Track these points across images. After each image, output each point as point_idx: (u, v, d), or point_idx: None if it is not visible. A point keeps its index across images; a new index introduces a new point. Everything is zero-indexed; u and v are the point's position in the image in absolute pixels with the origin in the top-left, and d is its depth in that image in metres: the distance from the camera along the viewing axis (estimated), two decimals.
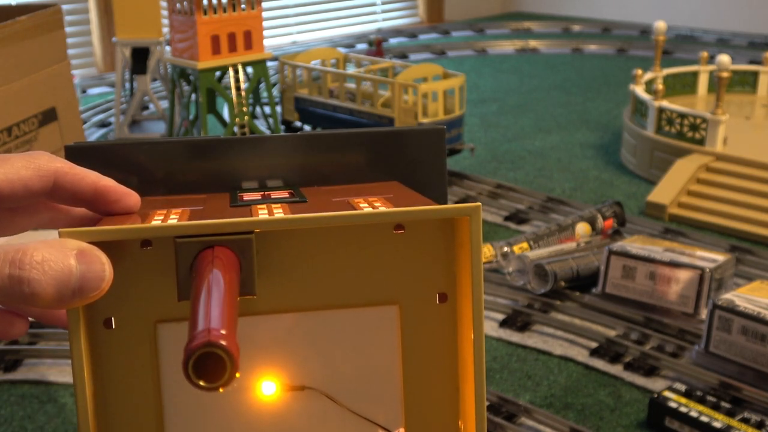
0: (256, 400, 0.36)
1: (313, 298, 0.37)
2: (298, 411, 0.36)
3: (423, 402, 0.38)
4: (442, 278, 0.37)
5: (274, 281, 0.37)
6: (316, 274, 0.37)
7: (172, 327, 0.35)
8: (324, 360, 0.37)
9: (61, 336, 1.13)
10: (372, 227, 0.37)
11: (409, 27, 3.53)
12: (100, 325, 0.34)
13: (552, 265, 1.21)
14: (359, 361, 0.37)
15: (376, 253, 0.37)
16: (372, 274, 0.37)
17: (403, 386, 0.37)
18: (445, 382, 0.38)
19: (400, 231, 0.37)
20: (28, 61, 1.48)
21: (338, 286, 0.37)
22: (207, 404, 0.36)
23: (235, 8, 1.63)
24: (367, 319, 0.37)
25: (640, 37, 3.14)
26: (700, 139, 1.63)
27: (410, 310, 0.37)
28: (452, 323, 0.37)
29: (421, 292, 0.37)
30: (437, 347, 0.37)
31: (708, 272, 1.12)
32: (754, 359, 1.00)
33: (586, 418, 0.97)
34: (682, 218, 1.51)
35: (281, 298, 0.37)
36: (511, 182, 1.70)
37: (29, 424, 0.97)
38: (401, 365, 0.37)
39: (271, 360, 0.36)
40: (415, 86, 1.64)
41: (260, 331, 0.36)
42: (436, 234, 0.37)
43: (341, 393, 0.37)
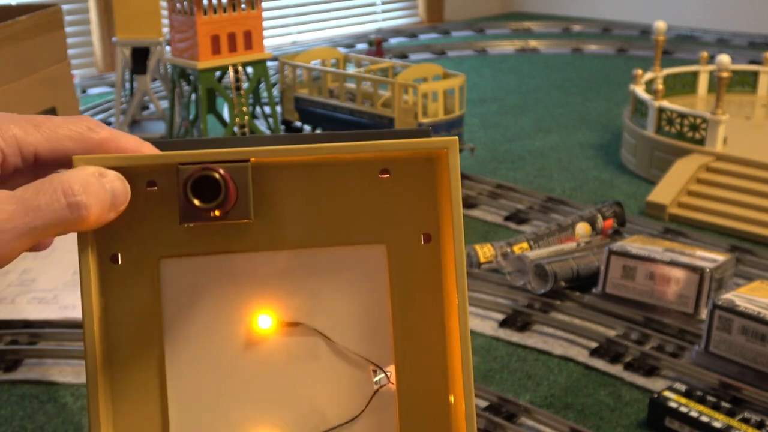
0: (253, 333, 0.38)
1: (305, 237, 0.39)
2: (293, 346, 0.39)
3: (411, 339, 0.40)
4: (426, 220, 0.40)
5: (268, 219, 0.39)
6: (308, 214, 0.39)
7: (174, 262, 0.38)
8: (316, 298, 0.39)
9: (61, 336, 1.13)
10: (359, 170, 0.40)
11: (409, 27, 3.53)
12: (107, 260, 0.37)
13: (552, 265, 1.21)
14: (350, 299, 0.39)
15: (363, 196, 0.40)
16: (360, 215, 0.40)
17: (392, 324, 0.39)
18: (431, 319, 0.40)
19: (386, 175, 0.40)
20: (28, 61, 1.48)
21: (329, 226, 0.39)
22: (206, 337, 0.38)
23: (235, 8, 1.63)
24: (356, 257, 0.40)
25: (640, 37, 3.14)
26: (700, 139, 1.63)
27: (397, 249, 0.40)
28: (437, 263, 0.40)
29: (407, 233, 0.40)
30: (423, 286, 0.40)
31: (708, 272, 1.12)
32: (754, 359, 1.00)
33: (586, 418, 0.97)
34: (682, 218, 1.51)
35: (275, 235, 0.39)
36: (511, 182, 1.70)
37: (29, 424, 0.97)
38: (390, 303, 0.39)
39: (266, 295, 0.39)
40: (415, 86, 1.64)
41: (255, 268, 0.39)
42: (419, 177, 0.40)
43: (333, 330, 0.39)
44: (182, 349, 0.38)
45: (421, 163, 0.40)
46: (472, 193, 1.63)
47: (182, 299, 0.38)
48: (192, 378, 0.38)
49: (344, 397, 0.39)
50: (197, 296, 0.39)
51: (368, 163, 0.40)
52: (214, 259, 0.39)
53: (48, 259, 1.33)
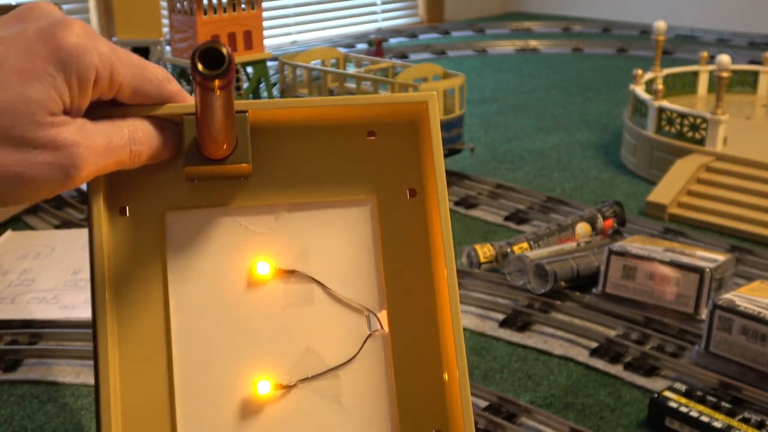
0: (252, 278, 0.41)
1: (299, 193, 0.43)
2: (290, 292, 0.41)
3: (401, 286, 0.42)
4: (411, 177, 0.43)
5: (264, 175, 0.43)
6: (302, 172, 0.43)
7: (178, 214, 0.41)
8: (311, 248, 0.42)
9: (61, 336, 1.13)
10: (348, 133, 0.43)
11: (409, 27, 3.53)
12: (116, 212, 0.40)
13: (552, 265, 1.21)
14: (342, 250, 0.42)
15: (352, 156, 0.43)
16: (350, 173, 0.43)
17: (383, 273, 0.42)
18: (420, 268, 0.43)
19: (372, 137, 0.43)
20: None
21: (321, 183, 0.43)
22: (208, 281, 0.41)
23: (235, 8, 1.63)
24: (347, 212, 0.43)
25: (640, 37, 3.14)
26: (700, 139, 1.63)
27: (385, 204, 0.43)
28: (422, 216, 0.43)
29: (394, 189, 0.43)
30: (411, 237, 0.43)
31: (708, 272, 1.12)
32: (754, 359, 1.00)
33: (586, 418, 0.97)
34: (682, 218, 1.51)
35: (271, 191, 0.42)
36: (511, 182, 1.70)
37: (29, 424, 0.97)
38: (380, 254, 0.42)
39: (264, 245, 0.42)
40: (415, 86, 1.64)
41: (254, 220, 0.42)
42: (403, 139, 0.44)
43: (327, 278, 0.42)
44: (186, 292, 0.40)
45: (404, 125, 0.44)
46: (472, 193, 1.63)
47: (186, 248, 0.41)
48: (195, 318, 0.40)
49: (339, 340, 0.41)
50: (200, 245, 0.41)
51: (356, 126, 0.43)
52: (216, 211, 0.42)
53: (48, 259, 1.33)
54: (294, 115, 0.43)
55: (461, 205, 1.59)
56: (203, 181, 0.42)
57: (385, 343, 0.41)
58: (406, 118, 0.44)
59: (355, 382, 0.40)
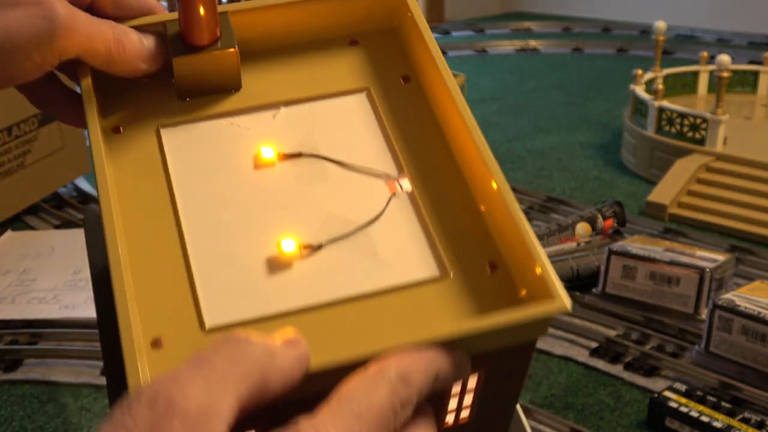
0: (259, 162, 0.40)
1: (291, 93, 0.43)
2: (302, 171, 0.40)
3: (417, 152, 0.41)
4: (402, 66, 0.44)
5: (254, 88, 0.43)
6: (290, 79, 0.43)
7: (173, 129, 0.41)
8: (314, 133, 0.41)
9: (61, 336, 1.13)
10: (330, 44, 0.44)
11: None
12: (110, 133, 0.39)
13: (552, 265, 1.21)
14: (347, 131, 0.41)
15: (339, 61, 0.44)
16: (339, 73, 0.43)
17: (395, 144, 0.41)
18: (433, 138, 0.42)
19: (355, 45, 0.44)
20: None
21: (311, 83, 0.43)
22: (212, 169, 0.40)
23: None
24: (343, 104, 0.43)
25: (640, 37, 3.14)
26: (700, 139, 1.63)
27: (380, 91, 0.43)
28: (422, 97, 0.43)
29: (386, 78, 0.43)
30: (414, 115, 0.42)
31: (708, 272, 1.12)
32: (754, 359, 1.00)
33: (586, 418, 0.97)
34: (682, 218, 1.51)
35: (263, 97, 0.42)
36: (511, 182, 1.69)
37: (29, 424, 0.97)
38: (387, 129, 0.42)
39: (265, 137, 0.41)
40: None
41: (251, 123, 0.42)
42: (387, 41, 0.45)
43: (336, 156, 0.41)
44: (189, 181, 0.39)
45: (386, 32, 0.45)
46: None
47: (185, 151, 0.40)
48: (202, 199, 0.38)
49: (361, 204, 0.39)
50: (199, 147, 0.41)
51: (337, 38, 0.44)
52: (210, 121, 0.42)
53: (48, 259, 1.33)
54: (274, 31, 0.44)
55: None
56: (193, 90, 0.42)
57: (412, 200, 0.39)
58: (387, 25, 0.45)
59: (388, 235, 0.38)
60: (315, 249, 0.37)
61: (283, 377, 0.31)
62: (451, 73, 0.41)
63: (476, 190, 0.40)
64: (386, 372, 0.32)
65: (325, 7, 0.44)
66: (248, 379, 0.30)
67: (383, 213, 0.38)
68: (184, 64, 0.41)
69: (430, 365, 0.33)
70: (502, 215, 0.38)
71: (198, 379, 0.29)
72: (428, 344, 0.33)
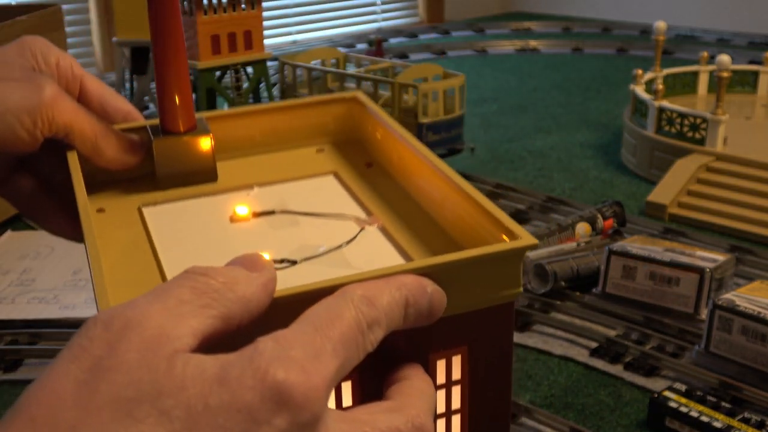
0: (234, 217, 0.43)
1: (265, 177, 0.47)
2: (274, 221, 0.43)
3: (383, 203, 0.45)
4: (365, 157, 0.48)
5: (228, 178, 0.47)
6: (263, 169, 0.48)
7: (153, 207, 0.44)
8: (287, 200, 0.45)
9: (61, 336, 1.13)
10: (300, 144, 0.49)
11: (409, 27, 3.53)
12: (94, 212, 0.42)
13: (552, 265, 1.21)
14: (317, 199, 0.45)
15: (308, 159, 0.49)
16: (309, 164, 0.48)
17: (363, 201, 0.44)
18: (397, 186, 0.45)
19: (322, 151, 0.49)
20: None
21: (283, 172, 0.47)
22: (191, 225, 0.43)
23: (235, 8, 1.63)
24: (314, 180, 0.47)
25: (640, 37, 3.14)
26: (700, 139, 1.63)
27: (345, 175, 0.47)
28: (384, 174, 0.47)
29: (351, 166, 0.48)
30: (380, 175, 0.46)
31: (708, 272, 1.12)
32: (754, 359, 1.00)
33: (586, 418, 0.97)
34: (682, 218, 1.51)
35: (238, 178, 0.47)
36: (511, 182, 1.70)
37: None
38: (355, 193, 0.45)
39: (241, 201, 0.44)
40: (415, 86, 1.64)
41: (227, 196, 0.45)
42: (350, 147, 0.49)
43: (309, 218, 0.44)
44: (169, 235, 0.42)
45: (349, 142, 0.49)
46: None
47: (167, 223, 0.43)
48: (181, 247, 0.41)
49: (333, 237, 0.41)
50: (179, 220, 0.44)
51: (305, 146, 0.49)
52: (189, 201, 0.45)
53: (48, 259, 1.33)
54: (249, 134, 0.48)
55: None
56: (172, 174, 0.45)
57: (382, 231, 0.41)
58: (351, 135, 0.50)
59: (360, 252, 0.40)
60: (290, 264, 0.38)
61: (246, 304, 0.31)
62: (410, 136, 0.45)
63: (435, 205, 0.42)
64: (349, 293, 0.31)
65: (294, 115, 0.49)
66: (209, 309, 0.29)
67: (355, 238, 0.40)
68: (163, 146, 0.45)
69: (398, 289, 0.32)
70: (459, 201, 0.40)
71: (156, 305, 0.29)
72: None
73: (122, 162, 0.45)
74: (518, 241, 0.36)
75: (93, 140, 0.43)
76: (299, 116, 0.49)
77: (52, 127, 0.42)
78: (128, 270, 0.39)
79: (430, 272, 0.34)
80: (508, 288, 0.36)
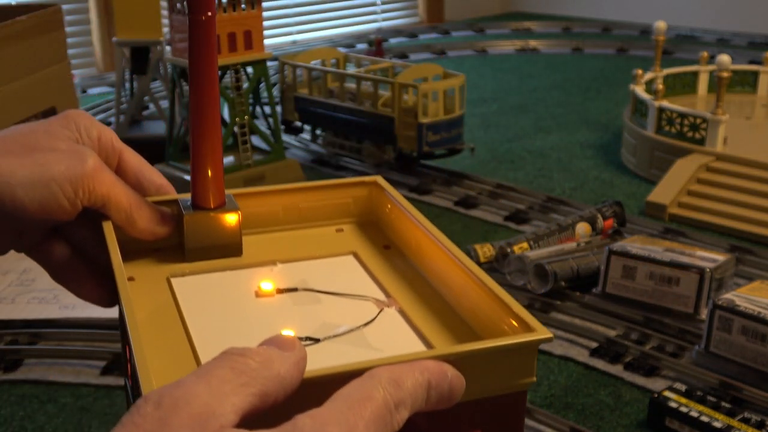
0: (259, 292, 0.45)
1: (287, 254, 0.49)
2: (297, 297, 0.45)
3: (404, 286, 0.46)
4: (382, 239, 0.51)
5: (253, 252, 0.49)
6: (287, 242, 0.50)
7: (181, 278, 0.47)
8: (308, 279, 0.47)
9: (61, 336, 1.13)
10: (321, 224, 0.52)
11: (409, 27, 3.53)
12: (125, 280, 0.43)
13: (552, 265, 1.21)
14: (338, 277, 0.47)
15: (327, 239, 0.51)
16: (329, 244, 0.50)
17: (382, 282, 0.46)
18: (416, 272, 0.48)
19: (341, 231, 0.52)
20: (28, 61, 1.48)
21: (304, 249, 0.50)
22: (218, 300, 0.45)
23: (235, 8, 1.63)
24: (334, 259, 0.49)
25: (640, 37, 3.14)
26: (700, 139, 1.63)
27: (364, 255, 0.49)
28: (401, 257, 0.49)
29: (370, 247, 0.50)
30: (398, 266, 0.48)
31: (708, 272, 1.12)
32: (754, 359, 1.00)
33: (586, 418, 0.97)
34: (682, 218, 1.51)
35: (262, 254, 0.49)
36: (511, 182, 1.70)
37: (29, 424, 0.97)
38: (375, 274, 0.47)
39: (265, 277, 0.47)
40: (415, 86, 1.64)
41: (252, 271, 0.48)
42: (369, 228, 0.52)
43: (329, 297, 0.45)
44: (203, 319, 0.43)
45: (366, 223, 0.52)
46: (472, 193, 1.63)
47: (194, 295, 0.45)
48: (210, 319, 0.43)
49: (354, 317, 0.43)
50: (206, 292, 0.46)
51: (327, 224, 0.52)
52: (215, 274, 0.48)
53: None
54: (273, 211, 0.51)
55: (461, 205, 1.59)
56: (200, 248, 0.48)
57: (401, 313, 0.43)
58: (368, 217, 0.52)
59: (380, 334, 0.42)
60: (314, 341, 0.40)
61: (281, 382, 0.33)
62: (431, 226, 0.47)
63: (452, 292, 0.45)
64: (377, 376, 0.34)
65: (317, 195, 0.52)
66: (248, 387, 0.32)
67: (375, 320, 0.43)
68: (193, 221, 0.47)
69: (421, 373, 0.35)
70: (475, 291, 0.42)
71: (201, 384, 0.31)
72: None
73: (154, 233, 0.48)
74: (534, 334, 0.38)
75: (128, 211, 0.46)
76: (321, 197, 0.52)
77: (92, 197, 0.45)
78: (159, 339, 0.41)
79: (450, 359, 0.36)
80: (522, 377, 0.38)
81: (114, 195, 0.45)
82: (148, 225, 0.47)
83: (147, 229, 0.47)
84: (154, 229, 0.47)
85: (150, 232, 0.47)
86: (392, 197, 0.50)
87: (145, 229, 0.47)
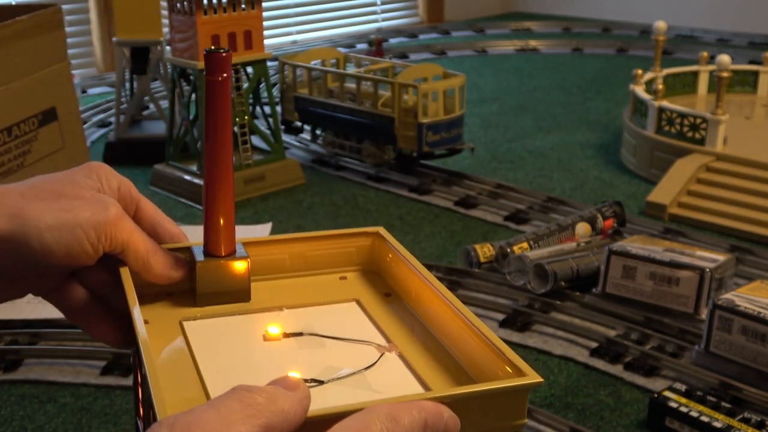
0: (267, 336, 0.48)
1: (293, 300, 0.52)
2: (302, 341, 0.47)
3: (406, 333, 0.49)
4: (383, 287, 0.54)
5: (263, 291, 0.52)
6: (293, 289, 0.53)
7: (193, 322, 0.49)
8: (313, 324, 0.49)
9: (61, 336, 1.13)
10: (325, 272, 0.56)
11: (409, 27, 3.53)
12: (143, 323, 0.45)
13: (552, 265, 1.21)
14: (341, 323, 0.49)
15: (331, 285, 0.54)
16: (332, 291, 0.54)
17: (383, 329, 0.49)
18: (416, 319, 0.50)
19: (344, 279, 0.55)
20: (28, 61, 1.48)
21: (308, 297, 0.52)
22: (228, 342, 0.48)
23: (235, 8, 1.63)
24: (337, 306, 0.52)
25: (640, 37, 3.14)
26: (700, 139, 1.63)
27: (365, 303, 0.52)
28: (402, 305, 0.52)
29: (371, 294, 0.53)
30: (397, 313, 0.51)
31: (708, 272, 1.12)
32: (754, 359, 1.00)
33: (586, 418, 0.97)
34: (682, 218, 1.51)
35: (269, 300, 0.52)
36: (511, 182, 1.70)
37: (29, 424, 0.97)
38: (377, 321, 0.50)
39: (272, 321, 0.49)
40: (415, 86, 1.64)
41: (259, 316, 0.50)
42: (371, 275, 0.55)
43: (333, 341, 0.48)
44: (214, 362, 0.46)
45: (368, 272, 0.55)
46: (472, 193, 1.63)
47: (206, 338, 0.48)
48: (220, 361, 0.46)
49: (356, 360, 0.45)
50: (216, 335, 0.48)
51: (331, 272, 0.55)
52: (224, 318, 0.50)
53: None
54: (280, 259, 0.54)
55: (461, 205, 1.59)
56: (210, 293, 0.51)
57: (401, 358, 0.46)
58: (370, 266, 0.55)
59: (381, 377, 0.44)
60: (318, 383, 0.43)
61: (285, 417, 0.36)
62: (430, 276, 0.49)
63: (449, 337, 0.47)
64: (376, 411, 0.36)
65: (322, 244, 0.55)
66: (254, 419, 0.35)
67: (376, 363, 0.45)
68: (205, 268, 0.50)
69: (419, 412, 0.37)
70: (471, 337, 0.45)
71: (211, 412, 0.35)
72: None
73: (168, 278, 0.50)
74: (525, 379, 0.40)
75: (144, 257, 0.49)
76: (326, 246, 0.55)
77: (113, 243, 0.48)
78: (172, 378, 0.44)
79: (447, 401, 0.39)
80: (514, 419, 0.41)
81: (133, 241, 0.48)
82: (163, 270, 0.50)
83: (162, 274, 0.50)
84: (168, 274, 0.50)
85: (165, 277, 0.50)
86: (393, 247, 0.54)
87: (160, 274, 0.50)
